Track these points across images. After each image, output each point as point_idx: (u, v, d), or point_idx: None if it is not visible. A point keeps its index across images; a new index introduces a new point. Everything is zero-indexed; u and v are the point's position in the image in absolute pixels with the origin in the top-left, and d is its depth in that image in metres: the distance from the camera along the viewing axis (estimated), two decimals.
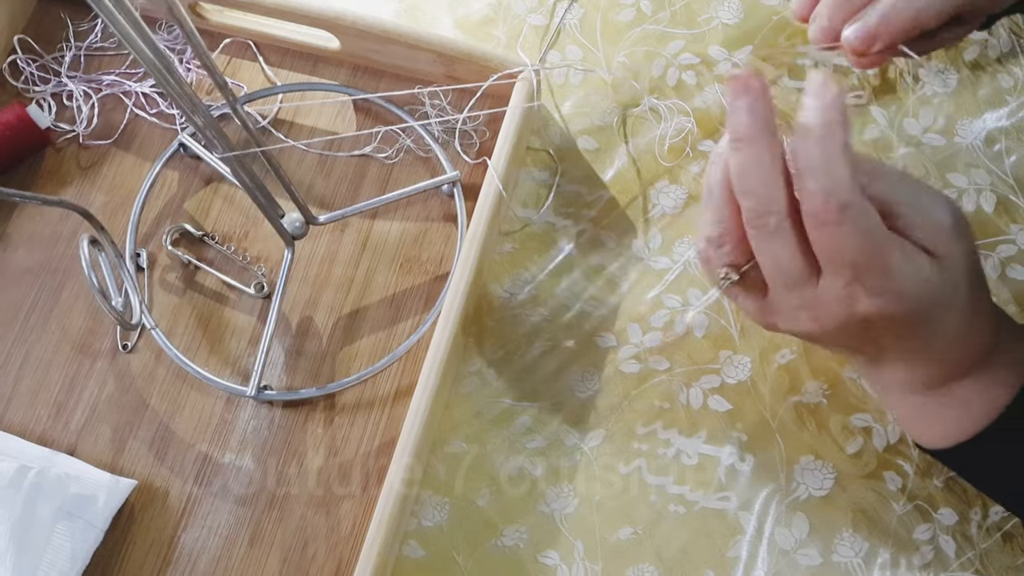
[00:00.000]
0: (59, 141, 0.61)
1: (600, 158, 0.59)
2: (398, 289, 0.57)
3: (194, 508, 0.53)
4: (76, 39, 0.63)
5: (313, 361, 0.56)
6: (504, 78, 0.56)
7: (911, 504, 0.51)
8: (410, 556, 0.52)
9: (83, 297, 0.58)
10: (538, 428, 0.54)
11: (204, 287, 0.58)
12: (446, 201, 0.59)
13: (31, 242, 0.59)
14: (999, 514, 0.51)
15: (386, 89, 0.61)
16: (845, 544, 0.51)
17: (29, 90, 0.62)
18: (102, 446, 0.55)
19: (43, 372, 0.56)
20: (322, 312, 0.57)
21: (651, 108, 0.60)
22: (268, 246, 0.59)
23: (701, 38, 0.61)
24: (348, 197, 0.59)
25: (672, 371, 0.54)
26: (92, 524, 0.52)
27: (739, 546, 0.51)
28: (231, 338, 0.57)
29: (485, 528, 0.52)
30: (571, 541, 0.52)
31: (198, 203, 0.60)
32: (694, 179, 0.58)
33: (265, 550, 0.53)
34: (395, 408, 0.55)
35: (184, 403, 0.56)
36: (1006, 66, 0.59)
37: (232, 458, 0.54)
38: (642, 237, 0.57)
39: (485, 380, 0.55)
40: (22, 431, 0.55)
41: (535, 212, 0.58)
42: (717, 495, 0.52)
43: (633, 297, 0.56)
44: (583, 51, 0.61)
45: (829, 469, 0.52)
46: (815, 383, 0.54)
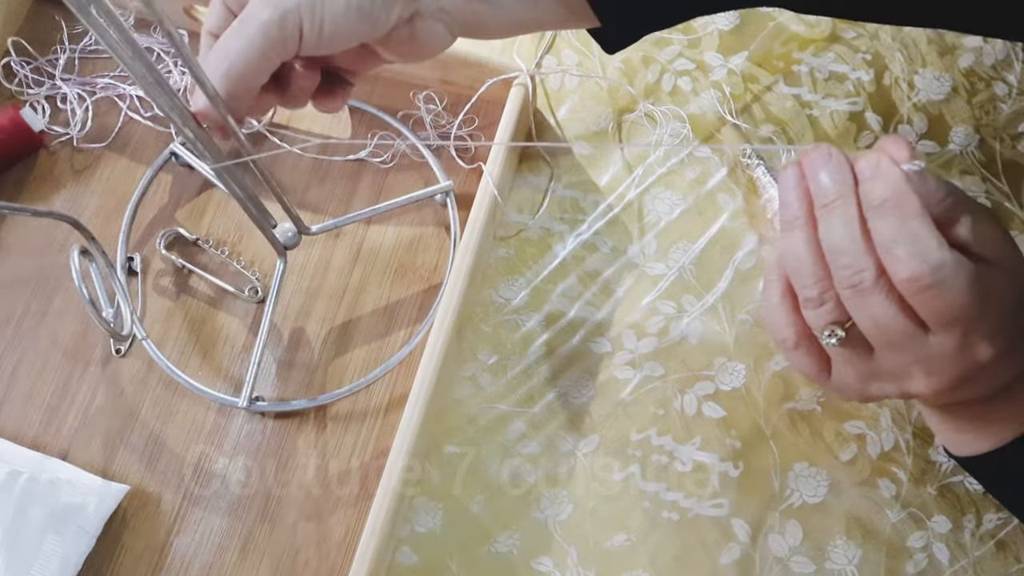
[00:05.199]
0: (53, 144, 0.61)
1: (595, 163, 0.59)
2: (391, 299, 0.57)
3: (186, 514, 0.53)
4: (70, 42, 0.63)
5: (305, 372, 0.56)
6: (499, 83, 0.56)
7: (905, 511, 0.51)
8: (403, 562, 0.52)
9: (75, 303, 0.57)
10: (532, 434, 0.54)
11: (197, 292, 0.58)
12: (440, 207, 0.59)
13: (23, 249, 0.59)
14: (993, 522, 0.51)
15: (381, 93, 0.61)
16: (839, 551, 0.51)
17: (23, 93, 0.62)
18: (94, 451, 0.55)
19: (35, 377, 0.56)
20: (314, 322, 0.57)
21: (646, 113, 0.60)
22: (262, 251, 0.59)
23: (696, 44, 0.61)
24: (342, 203, 0.59)
25: (666, 377, 0.54)
26: (84, 529, 0.51)
27: (733, 553, 0.51)
28: (223, 346, 0.57)
29: (479, 534, 0.52)
30: (564, 547, 0.52)
31: (191, 208, 0.60)
32: (689, 185, 0.58)
33: (257, 557, 0.52)
34: (388, 417, 0.55)
35: (176, 410, 0.55)
36: (1000, 73, 0.59)
37: (225, 465, 0.54)
38: (637, 243, 0.57)
39: (479, 385, 0.55)
40: (14, 436, 0.55)
41: (530, 217, 0.58)
42: (711, 502, 0.52)
43: (628, 303, 0.56)
44: (579, 56, 0.61)
45: (823, 476, 0.52)
46: (809, 390, 0.53)
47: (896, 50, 0.60)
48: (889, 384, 0.38)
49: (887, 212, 0.35)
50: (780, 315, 0.39)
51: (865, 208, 0.35)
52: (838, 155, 0.37)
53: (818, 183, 0.37)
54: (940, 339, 0.35)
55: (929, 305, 0.34)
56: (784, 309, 0.39)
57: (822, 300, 0.37)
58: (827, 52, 0.60)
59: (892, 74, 0.59)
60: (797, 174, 0.38)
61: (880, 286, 0.35)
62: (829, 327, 0.37)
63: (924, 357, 0.36)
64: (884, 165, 0.35)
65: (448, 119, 0.60)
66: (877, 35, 0.60)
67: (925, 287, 0.34)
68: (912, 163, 0.35)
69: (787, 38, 0.61)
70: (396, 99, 0.61)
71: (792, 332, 0.39)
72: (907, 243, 0.34)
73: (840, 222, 0.36)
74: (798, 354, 0.39)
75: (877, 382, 0.38)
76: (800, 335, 0.39)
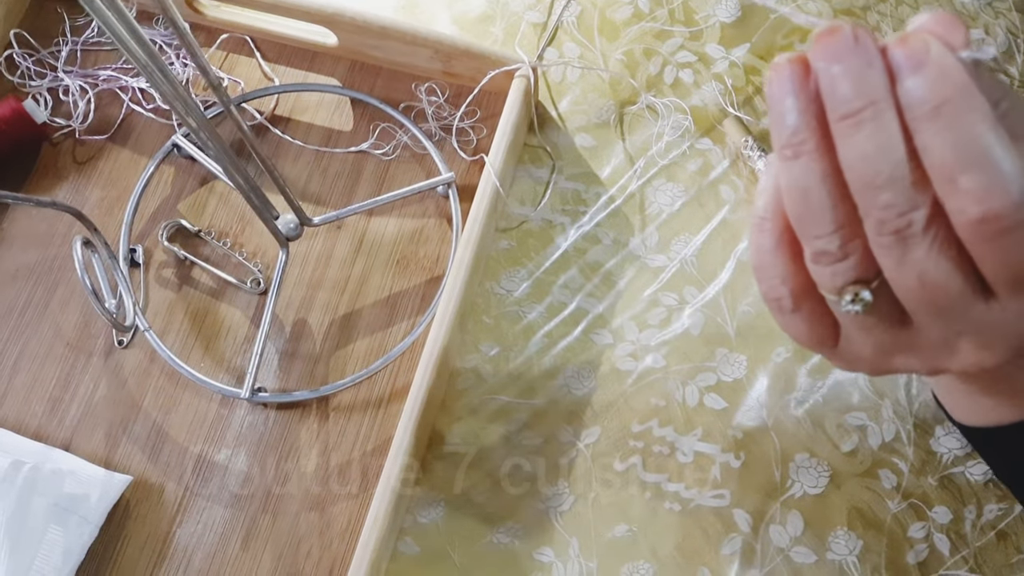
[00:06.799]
0: (55, 136, 0.61)
1: (597, 155, 0.59)
2: (393, 290, 0.57)
3: (189, 504, 0.53)
4: (73, 34, 0.63)
5: (308, 363, 0.56)
6: (501, 75, 0.56)
7: (906, 502, 0.52)
8: (405, 552, 0.52)
9: (78, 294, 0.57)
10: (534, 425, 0.54)
11: (200, 283, 0.58)
12: (442, 199, 0.59)
13: (26, 239, 0.59)
14: (994, 512, 0.51)
15: (383, 85, 0.61)
16: (840, 542, 0.51)
17: (25, 85, 0.62)
18: (97, 442, 0.55)
19: (38, 368, 0.56)
20: (317, 313, 0.57)
21: (648, 106, 0.60)
22: (264, 242, 0.59)
23: (698, 36, 0.61)
24: (344, 194, 0.59)
25: (668, 369, 0.54)
26: (87, 519, 0.51)
27: (734, 543, 0.51)
28: (226, 337, 0.57)
29: (480, 525, 0.52)
30: (566, 538, 0.52)
31: (194, 200, 0.60)
32: (691, 177, 0.58)
33: (260, 547, 0.53)
34: (390, 408, 0.55)
35: (179, 401, 0.55)
36: (1002, 65, 0.59)
37: (227, 456, 0.54)
38: (639, 235, 0.57)
39: (482, 377, 0.55)
40: (17, 426, 0.55)
41: (532, 209, 0.58)
42: (712, 492, 0.52)
43: (630, 294, 0.56)
44: (581, 48, 0.61)
45: (824, 467, 0.52)
46: (810, 380, 0.54)
47: None
48: (919, 358, 0.30)
49: (945, 123, 0.24)
50: (775, 267, 0.29)
51: (910, 118, 0.25)
52: (865, 37, 0.25)
53: (835, 82, 0.25)
54: (1005, 304, 0.26)
55: (1004, 257, 0.25)
56: (780, 258, 0.29)
57: (844, 253, 0.27)
58: None
59: None
60: (797, 71, 0.26)
61: (932, 232, 0.25)
62: (851, 288, 0.27)
63: (978, 327, 0.27)
64: (936, 53, 0.24)
65: (450, 111, 0.60)
66: (879, 27, 0.60)
67: (1002, 231, 0.24)
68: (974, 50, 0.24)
69: (789, 30, 0.61)
70: (398, 91, 0.61)
71: (789, 290, 0.29)
72: (977, 168, 0.24)
73: (873, 140, 0.25)
74: (796, 318, 0.30)
75: (903, 355, 0.30)
76: (801, 294, 0.29)
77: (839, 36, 0.25)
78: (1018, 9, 0.60)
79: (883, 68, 0.25)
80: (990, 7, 0.60)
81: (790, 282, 0.29)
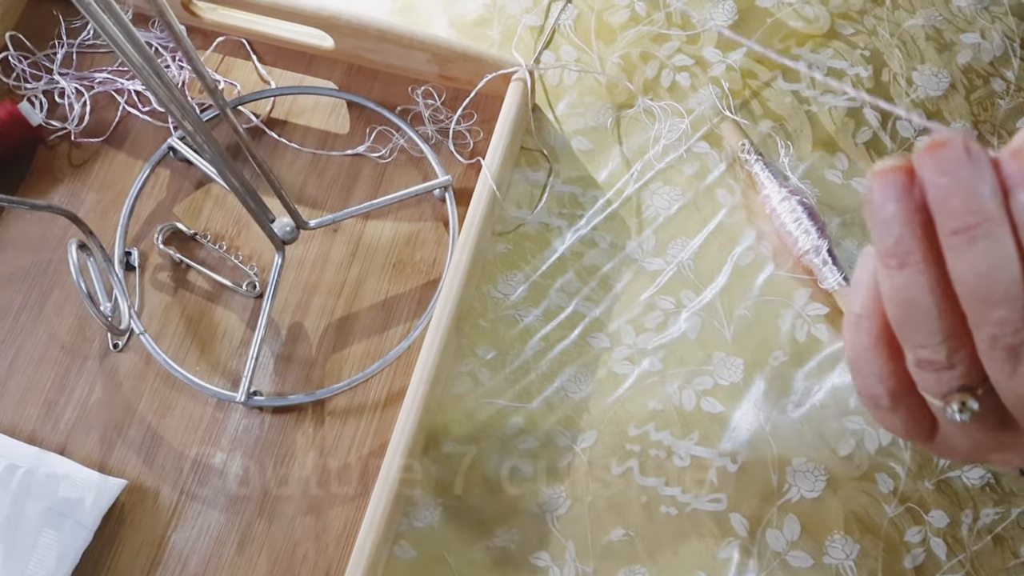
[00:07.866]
0: (51, 138, 0.61)
1: (594, 159, 0.59)
2: (389, 294, 0.57)
3: (184, 509, 0.53)
4: (68, 36, 0.63)
5: (303, 367, 0.56)
6: (498, 78, 0.56)
7: (903, 506, 0.52)
8: (401, 556, 0.52)
9: (73, 297, 0.57)
10: (531, 429, 0.54)
11: (195, 287, 0.58)
12: (439, 202, 0.59)
13: (22, 242, 0.59)
14: (990, 516, 0.51)
15: (380, 88, 0.61)
16: (836, 546, 0.51)
17: (21, 87, 0.62)
18: (92, 446, 0.54)
19: (33, 371, 0.56)
20: (313, 317, 0.57)
21: (645, 109, 0.60)
22: (260, 246, 0.58)
23: (695, 40, 0.61)
24: (341, 197, 0.59)
25: (665, 372, 0.54)
26: (81, 524, 0.51)
27: (731, 548, 0.51)
28: (221, 340, 0.57)
29: (477, 529, 0.52)
30: (563, 542, 0.52)
31: (189, 203, 0.60)
32: (687, 180, 0.58)
33: (255, 551, 0.52)
34: (386, 412, 0.55)
35: (174, 405, 0.55)
36: (998, 69, 0.59)
37: (222, 460, 0.54)
38: (635, 238, 0.57)
39: (478, 381, 0.55)
40: (11, 430, 0.55)
41: (529, 213, 0.58)
42: (709, 496, 0.52)
43: (627, 298, 0.56)
44: (578, 52, 0.61)
45: (821, 471, 0.52)
46: (807, 384, 0.54)
47: (894, 46, 0.60)
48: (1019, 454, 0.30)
49: None
50: (872, 365, 0.29)
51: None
52: (977, 150, 0.24)
53: (946, 196, 0.24)
54: None
55: None
56: (878, 358, 0.29)
57: (951, 363, 0.26)
58: (826, 48, 0.60)
59: (891, 70, 0.59)
60: (902, 181, 0.25)
61: None
62: (957, 396, 0.27)
63: None
64: None
65: (447, 114, 0.60)
66: (875, 31, 0.60)
67: None
68: None
69: (786, 34, 0.61)
70: (395, 94, 0.61)
71: (887, 389, 0.29)
72: None
73: (987, 257, 0.24)
74: (893, 416, 0.30)
75: (1003, 453, 0.30)
76: (900, 394, 0.29)
77: (951, 149, 0.24)
78: (1014, 13, 0.60)
79: (995, 182, 0.24)
80: (986, 11, 0.61)
81: (888, 382, 0.29)
